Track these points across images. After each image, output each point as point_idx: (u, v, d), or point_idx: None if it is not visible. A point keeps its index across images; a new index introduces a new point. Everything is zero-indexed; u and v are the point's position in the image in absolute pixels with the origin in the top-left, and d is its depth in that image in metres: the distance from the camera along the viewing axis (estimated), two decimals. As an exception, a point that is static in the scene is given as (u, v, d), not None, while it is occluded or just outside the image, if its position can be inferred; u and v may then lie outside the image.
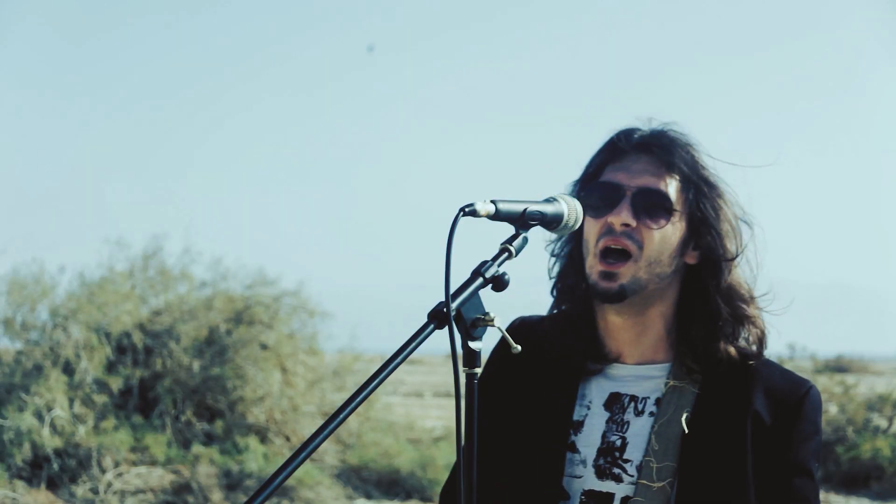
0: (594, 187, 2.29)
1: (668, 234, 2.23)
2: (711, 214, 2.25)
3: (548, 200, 2.07)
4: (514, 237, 2.00)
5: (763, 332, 2.30)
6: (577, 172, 2.36)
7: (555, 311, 2.38)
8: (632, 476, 2.23)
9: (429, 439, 13.93)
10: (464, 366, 1.88)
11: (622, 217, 2.22)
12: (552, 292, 2.38)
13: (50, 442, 11.52)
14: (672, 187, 2.24)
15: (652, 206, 2.23)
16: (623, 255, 2.23)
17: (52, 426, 11.69)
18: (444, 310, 1.85)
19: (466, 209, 1.91)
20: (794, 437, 2.21)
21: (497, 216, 1.97)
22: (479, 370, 1.91)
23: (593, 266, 2.25)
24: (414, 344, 1.84)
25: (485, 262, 1.95)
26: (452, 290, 1.87)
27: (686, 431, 2.20)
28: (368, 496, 12.33)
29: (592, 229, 2.26)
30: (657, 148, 2.27)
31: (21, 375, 12.07)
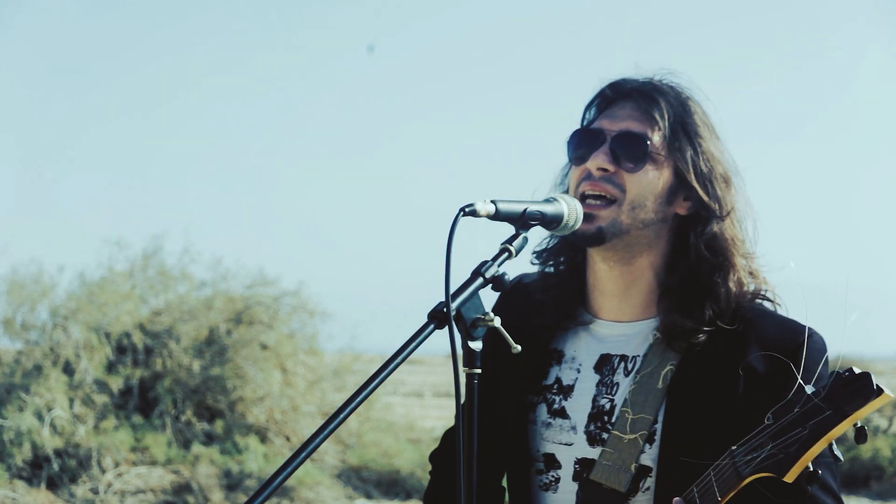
0: (576, 134, 2.26)
1: (650, 179, 2.18)
2: (697, 162, 2.19)
3: (548, 200, 2.08)
4: (514, 237, 2.00)
5: (759, 284, 2.22)
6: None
7: (541, 266, 2.34)
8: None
9: (429, 439, 13.93)
10: (464, 366, 1.88)
11: (598, 161, 2.18)
12: (540, 248, 2.33)
13: (50, 442, 11.52)
14: (657, 133, 2.19)
15: (631, 149, 2.18)
16: (604, 200, 2.18)
17: (52, 426, 11.69)
18: (444, 310, 1.85)
19: (466, 209, 1.91)
20: (792, 385, 2.10)
21: (497, 216, 1.97)
22: (478, 370, 1.91)
23: None
24: (414, 344, 1.84)
25: (485, 262, 1.95)
26: (452, 290, 1.87)
27: (660, 386, 2.15)
28: (368, 496, 12.34)
29: (574, 175, 2.23)
30: (644, 94, 2.22)
31: (21, 375, 12.07)
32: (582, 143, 2.24)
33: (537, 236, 2.32)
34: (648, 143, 2.18)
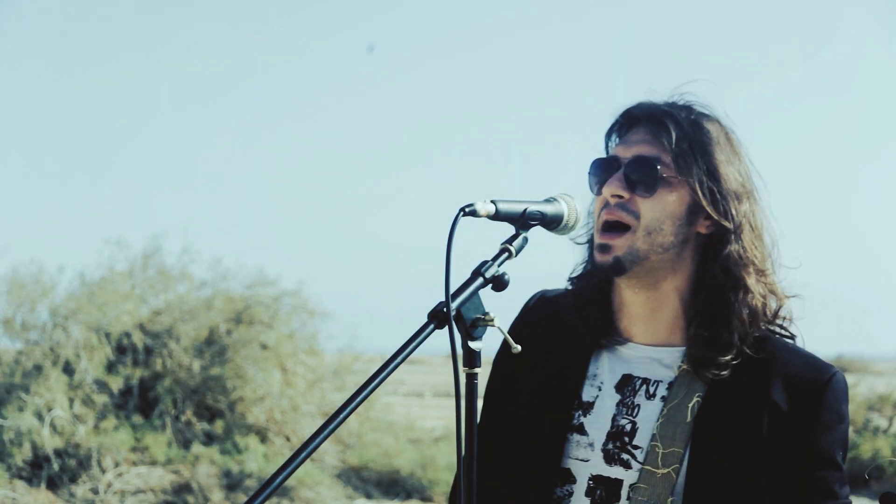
0: (595, 164, 2.27)
1: (666, 203, 2.17)
2: (705, 181, 2.17)
3: (548, 200, 2.07)
4: (514, 237, 2.00)
5: (780, 303, 2.21)
6: (578, 173, 2.35)
7: (573, 287, 2.34)
8: (640, 463, 2.18)
9: (429, 439, 13.93)
10: (464, 366, 1.88)
11: (612, 188, 2.18)
12: (572, 275, 2.34)
13: (50, 442, 11.52)
14: (669, 154, 2.18)
15: (643, 174, 2.18)
16: (619, 227, 2.18)
17: (52, 426, 11.69)
18: (444, 310, 1.85)
19: (466, 209, 1.91)
20: (815, 427, 2.13)
21: (497, 216, 1.97)
22: (478, 370, 1.91)
23: (595, 240, 2.22)
24: (414, 344, 1.83)
25: (485, 262, 1.95)
26: (452, 290, 1.87)
27: (689, 420, 2.15)
28: (368, 496, 12.33)
29: (596, 205, 2.24)
30: (654, 118, 2.22)
31: (21, 375, 12.07)
32: (599, 171, 2.25)
33: (538, 236, 2.33)
34: (659, 166, 2.17)
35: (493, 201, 1.95)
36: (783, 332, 2.24)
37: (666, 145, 2.18)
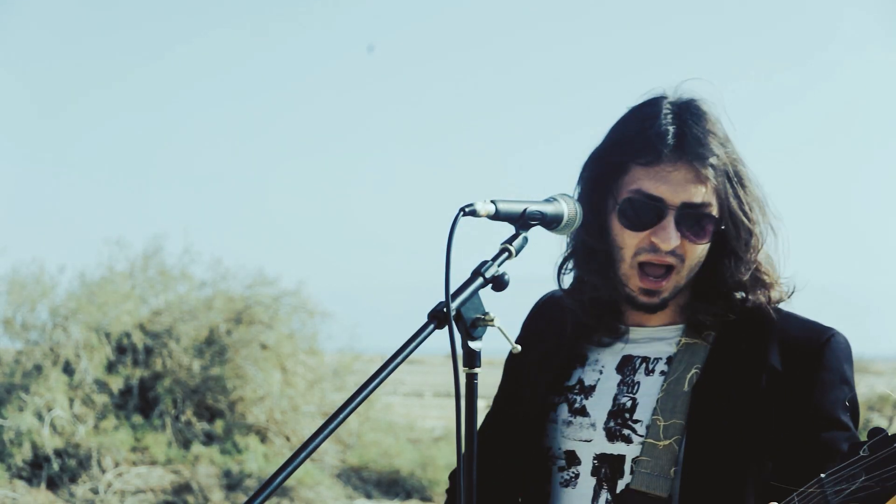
0: (633, 198, 2.19)
1: (708, 241, 2.20)
2: (739, 205, 2.19)
3: (548, 200, 2.07)
4: (514, 237, 2.00)
5: (781, 290, 2.23)
6: (577, 173, 2.33)
7: (580, 294, 2.32)
8: (641, 436, 2.19)
9: (429, 439, 13.94)
10: (464, 366, 1.88)
11: (671, 242, 2.16)
12: (573, 287, 2.33)
13: (50, 442, 11.53)
14: (711, 193, 2.17)
15: (696, 222, 2.17)
16: (665, 270, 2.19)
17: (52, 426, 11.70)
18: (444, 310, 1.85)
19: (466, 209, 1.90)
20: (815, 387, 2.12)
21: (497, 216, 1.97)
22: (478, 370, 1.91)
23: (631, 278, 2.20)
24: (414, 344, 1.83)
25: (485, 262, 1.95)
26: (452, 290, 1.87)
27: (686, 390, 2.16)
28: (368, 496, 12.34)
29: (630, 241, 2.19)
30: (695, 152, 2.16)
31: (21, 375, 12.08)
32: (642, 210, 2.19)
33: (538, 236, 2.32)
34: (710, 213, 2.18)
35: (492, 201, 1.95)
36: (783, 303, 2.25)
37: (712, 182, 2.17)
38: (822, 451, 2.08)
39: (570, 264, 2.34)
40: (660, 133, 2.18)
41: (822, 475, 1.96)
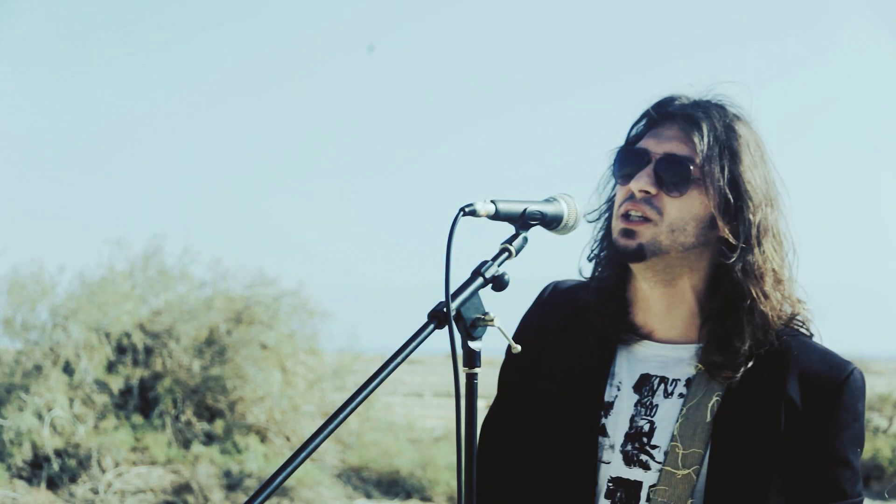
0: (622, 154, 2.24)
1: (691, 203, 2.15)
2: (735, 187, 2.15)
3: (548, 200, 2.07)
4: (514, 237, 1.99)
5: (794, 314, 2.19)
6: (577, 173, 2.34)
7: (590, 279, 2.31)
8: (659, 463, 2.16)
9: (429, 439, 13.93)
10: (464, 366, 1.88)
11: (640, 184, 2.15)
12: (589, 258, 2.31)
13: (50, 442, 11.53)
14: (700, 155, 2.15)
15: (674, 173, 2.16)
16: (642, 219, 2.17)
17: (52, 426, 11.70)
18: (444, 310, 1.84)
19: (466, 209, 1.90)
20: (830, 426, 2.12)
21: (497, 216, 1.97)
22: (478, 370, 1.91)
23: (615, 226, 2.19)
24: (414, 344, 1.83)
25: (485, 262, 1.95)
26: (452, 290, 1.87)
27: (708, 419, 2.14)
28: (368, 496, 12.34)
29: (619, 195, 2.21)
30: (688, 116, 2.18)
31: (21, 375, 12.07)
32: (626, 162, 2.22)
33: (538, 236, 2.32)
34: (692, 167, 2.16)
35: (492, 201, 1.95)
36: (802, 331, 2.22)
37: (697, 145, 2.16)
38: (827, 490, 2.12)
39: (593, 247, 2.31)
40: (664, 103, 2.23)
41: None
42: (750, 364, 2.15)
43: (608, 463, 2.21)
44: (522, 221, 2.00)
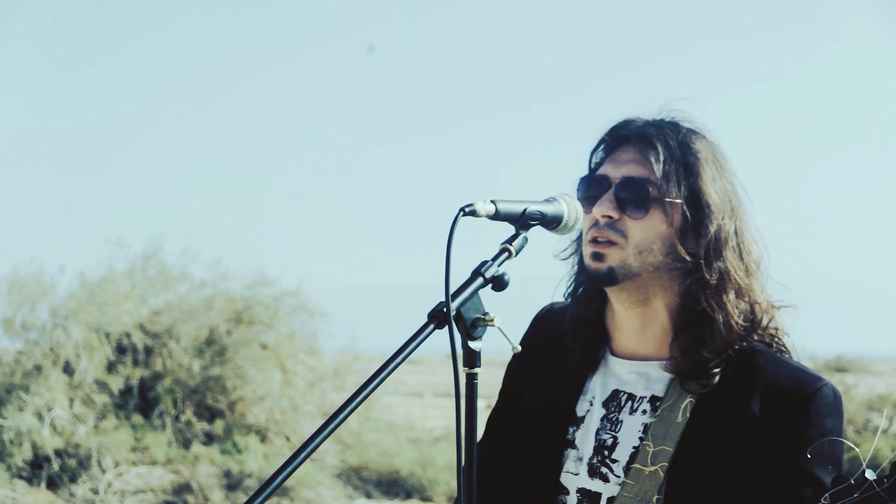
0: (584, 182, 2.28)
1: (654, 223, 2.19)
2: (695, 202, 2.18)
3: (548, 200, 2.07)
4: (514, 237, 2.00)
5: (758, 321, 2.21)
6: (577, 173, 2.35)
7: (569, 304, 2.37)
8: (618, 477, 2.21)
9: (429, 439, 13.94)
10: (464, 366, 1.89)
11: (602, 209, 2.20)
12: (565, 296, 2.37)
13: (50, 442, 11.53)
14: (658, 175, 2.18)
15: (634, 196, 2.19)
16: (609, 244, 2.20)
17: (52, 426, 11.70)
18: (444, 310, 1.85)
19: (466, 209, 1.91)
20: (793, 442, 2.11)
21: (497, 216, 1.97)
22: (478, 370, 1.91)
23: (585, 252, 2.23)
24: (414, 344, 1.84)
25: (485, 262, 1.95)
26: (452, 290, 1.87)
27: (679, 419, 2.18)
28: (368, 496, 12.34)
29: (586, 223, 2.25)
30: (643, 137, 2.22)
31: (21, 375, 12.08)
32: (588, 189, 2.26)
33: (538, 236, 2.33)
34: (651, 188, 2.19)
35: (492, 201, 1.95)
36: (776, 343, 2.23)
37: (654, 165, 2.19)
38: None
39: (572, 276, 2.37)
40: (619, 127, 2.27)
41: None
42: (717, 378, 2.17)
43: (576, 474, 2.27)
44: (522, 221, 2.00)
